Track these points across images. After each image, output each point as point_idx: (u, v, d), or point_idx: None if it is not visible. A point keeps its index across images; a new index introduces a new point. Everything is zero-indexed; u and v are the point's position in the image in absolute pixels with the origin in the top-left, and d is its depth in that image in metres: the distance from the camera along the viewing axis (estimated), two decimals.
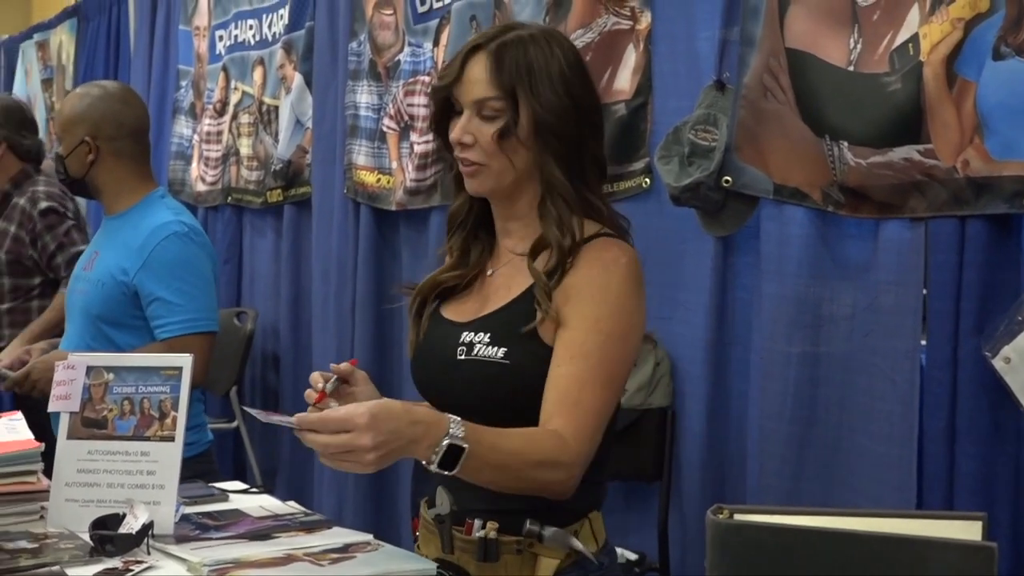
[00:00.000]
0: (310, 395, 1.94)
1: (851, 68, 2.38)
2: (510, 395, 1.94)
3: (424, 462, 1.76)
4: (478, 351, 1.98)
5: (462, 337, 2.01)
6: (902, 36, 2.27)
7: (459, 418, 1.78)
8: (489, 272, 2.10)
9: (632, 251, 2.00)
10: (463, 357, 1.99)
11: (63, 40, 6.88)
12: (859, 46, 2.36)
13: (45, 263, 4.36)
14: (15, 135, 4.51)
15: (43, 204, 4.37)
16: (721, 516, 1.06)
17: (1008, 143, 2.12)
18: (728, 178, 2.61)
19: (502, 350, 1.96)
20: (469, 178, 2.02)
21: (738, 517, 1.07)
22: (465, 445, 1.75)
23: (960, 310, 2.24)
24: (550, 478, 1.86)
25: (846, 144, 2.37)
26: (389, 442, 1.71)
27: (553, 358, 1.92)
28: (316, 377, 2.01)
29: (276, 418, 1.85)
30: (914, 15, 2.25)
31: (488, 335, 1.99)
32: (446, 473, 1.76)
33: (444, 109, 2.05)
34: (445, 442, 1.73)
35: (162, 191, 3.34)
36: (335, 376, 2.02)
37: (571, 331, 1.92)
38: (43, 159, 4.68)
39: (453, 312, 2.10)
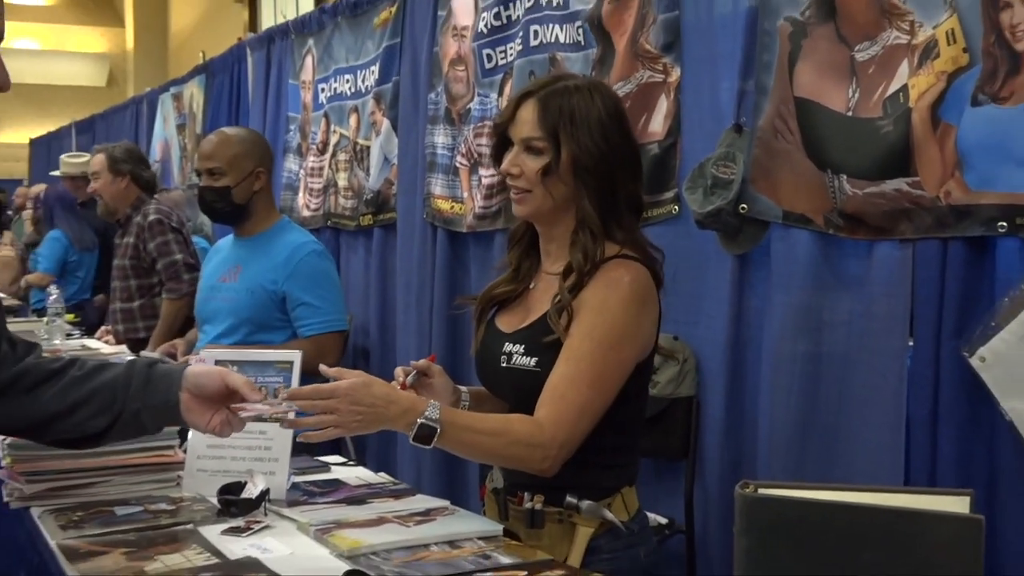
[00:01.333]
0: (394, 386, 1.96)
1: (850, 113, 2.37)
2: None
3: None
4: (515, 360, 2.00)
5: (504, 347, 2.03)
6: (894, 86, 2.27)
7: (438, 403, 1.84)
8: (531, 286, 2.10)
9: (639, 271, 1.96)
10: (505, 365, 2.01)
11: (194, 92, 6.97)
12: (857, 95, 2.35)
13: (151, 265, 4.50)
14: (137, 169, 4.77)
15: (152, 217, 4.58)
16: (747, 490, 1.05)
17: (984, 177, 2.11)
18: (744, 205, 2.60)
19: (534, 360, 1.97)
20: (516, 203, 2.03)
21: (761, 491, 1.06)
22: (437, 426, 1.80)
23: (942, 317, 2.23)
24: (524, 455, 1.88)
25: (845, 177, 2.36)
26: (364, 412, 1.79)
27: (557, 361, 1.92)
28: (399, 372, 2.05)
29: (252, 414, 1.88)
30: (904, 68, 2.24)
31: (523, 346, 2.00)
32: (425, 447, 1.82)
33: (500, 144, 2.05)
34: (419, 422, 1.79)
35: (287, 218, 3.42)
36: (415, 370, 2.05)
37: (571, 338, 1.92)
38: (156, 189, 4.89)
39: (504, 321, 2.11)
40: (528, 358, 1.97)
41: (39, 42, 22.65)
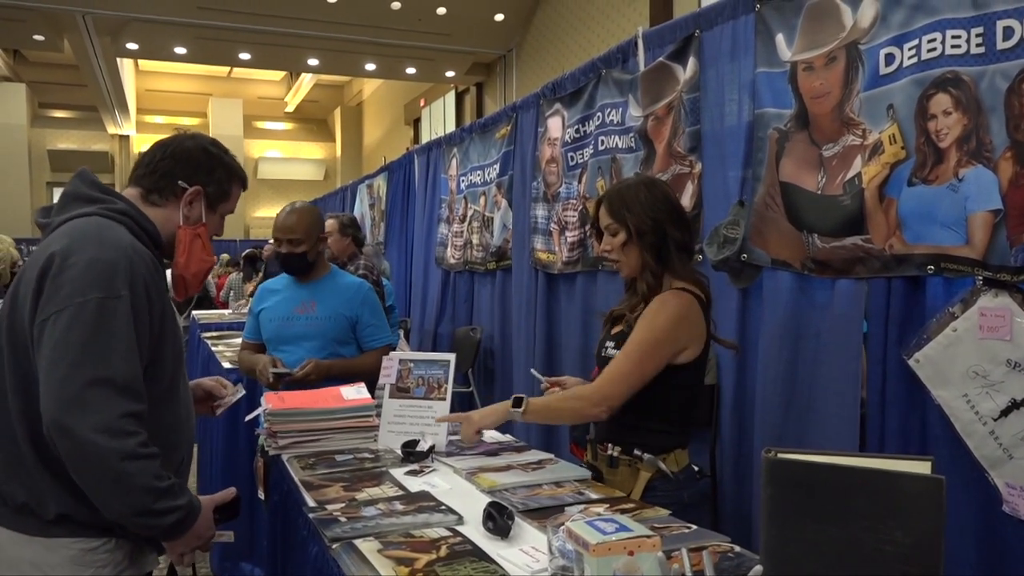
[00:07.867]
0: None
1: (819, 192, 2.29)
2: None
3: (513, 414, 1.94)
4: (608, 352, 1.99)
5: (606, 343, 2.03)
6: (851, 173, 2.18)
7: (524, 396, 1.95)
8: (634, 311, 2.08)
9: (686, 298, 1.92)
10: (603, 354, 2.01)
11: (379, 183, 7.09)
12: (824, 179, 2.27)
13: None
14: (355, 232, 4.75)
15: (361, 271, 4.54)
16: (770, 454, 0.98)
17: (917, 234, 2.01)
18: (745, 255, 2.53)
19: (618, 352, 1.95)
20: (617, 271, 2.06)
21: (780, 455, 0.99)
22: (524, 397, 1.92)
23: (888, 332, 2.13)
24: (579, 405, 1.90)
25: (816, 235, 2.28)
26: (490, 416, 1.99)
27: None
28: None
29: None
30: (858, 161, 2.16)
31: (614, 343, 1.99)
32: (518, 410, 1.91)
33: (598, 232, 2.06)
34: (513, 399, 1.93)
35: (335, 266, 3.08)
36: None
37: (628, 338, 1.92)
38: (363, 245, 4.86)
39: (613, 328, 2.09)
40: (615, 350, 1.97)
41: (281, 152, 23.40)
